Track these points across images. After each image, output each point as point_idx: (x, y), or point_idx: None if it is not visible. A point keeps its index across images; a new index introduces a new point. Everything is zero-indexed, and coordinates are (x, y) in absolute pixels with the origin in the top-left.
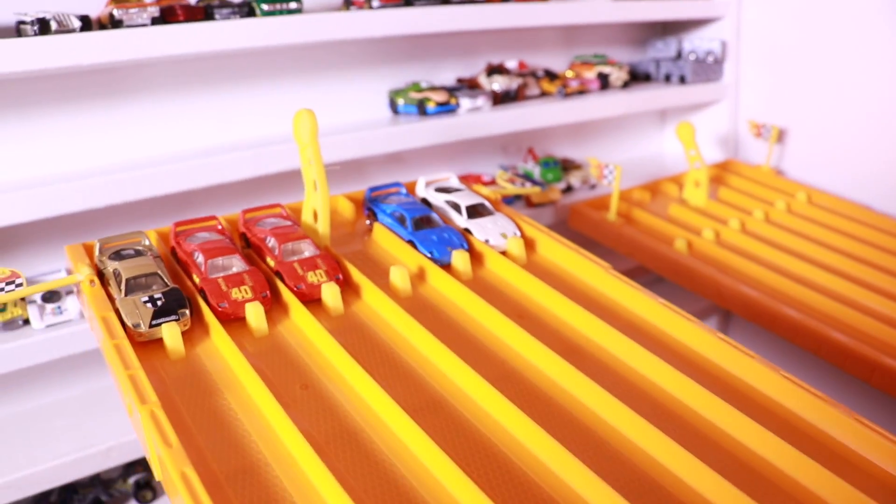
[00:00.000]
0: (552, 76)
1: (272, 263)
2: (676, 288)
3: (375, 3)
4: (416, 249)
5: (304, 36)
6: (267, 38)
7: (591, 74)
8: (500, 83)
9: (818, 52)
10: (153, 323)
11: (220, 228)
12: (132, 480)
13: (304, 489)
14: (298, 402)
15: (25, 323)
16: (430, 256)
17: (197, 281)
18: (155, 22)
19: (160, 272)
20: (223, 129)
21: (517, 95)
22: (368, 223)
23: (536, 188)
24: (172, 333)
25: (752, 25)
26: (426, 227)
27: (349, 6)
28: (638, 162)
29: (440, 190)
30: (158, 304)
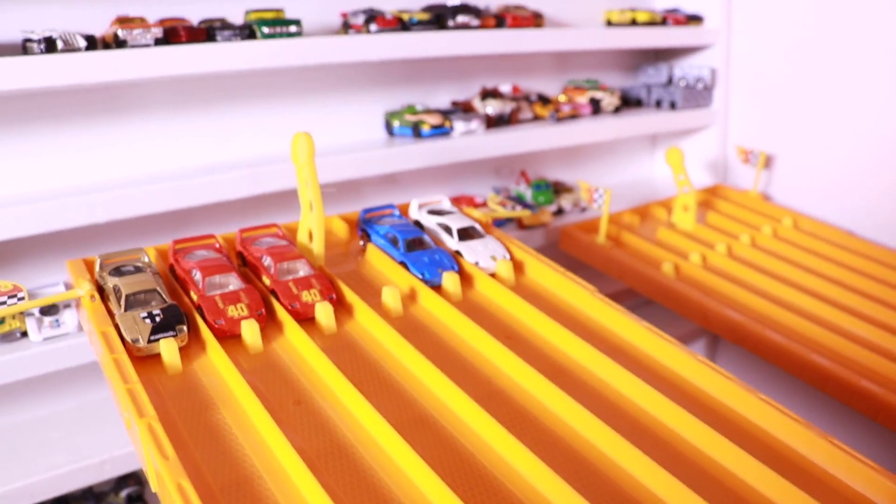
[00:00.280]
0: (545, 100)
1: (268, 282)
2: (665, 311)
3: (373, 27)
4: (407, 270)
5: (302, 58)
6: (267, 59)
7: (583, 99)
8: (493, 107)
9: (805, 80)
10: (151, 338)
11: (217, 247)
12: (124, 494)
13: (296, 503)
14: (291, 417)
15: (23, 335)
16: (421, 277)
17: (194, 298)
18: (158, 42)
19: (159, 289)
20: (222, 147)
21: (510, 119)
22: (362, 244)
23: (526, 211)
24: (170, 349)
25: (741, 54)
26: (418, 248)
27: (347, 30)
28: (628, 186)
29: (433, 212)
30: (157, 320)
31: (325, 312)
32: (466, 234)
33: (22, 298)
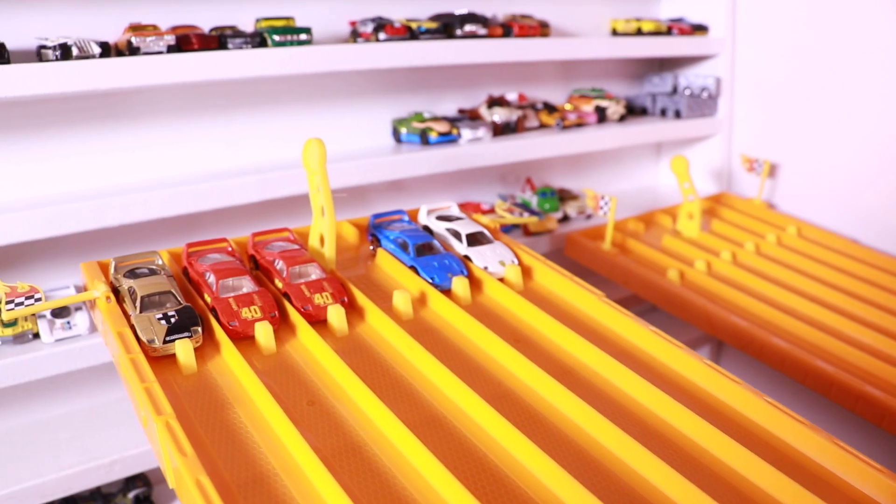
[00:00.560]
0: (551, 109)
1: (280, 285)
2: (669, 317)
3: (382, 36)
4: (417, 275)
5: (312, 66)
6: (277, 67)
7: (588, 108)
8: (500, 115)
9: (810, 89)
10: (167, 339)
11: (230, 250)
12: (132, 495)
13: (312, 500)
14: (306, 417)
15: (35, 337)
16: (431, 282)
17: (208, 300)
18: (171, 50)
19: (173, 291)
20: (233, 153)
21: (517, 127)
22: (372, 249)
23: (534, 218)
24: (185, 349)
25: (745, 63)
26: (428, 253)
27: (356, 38)
28: (633, 193)
29: (441, 218)
30: (172, 321)
31: (337, 315)
32: (475, 239)
33: (39, 300)
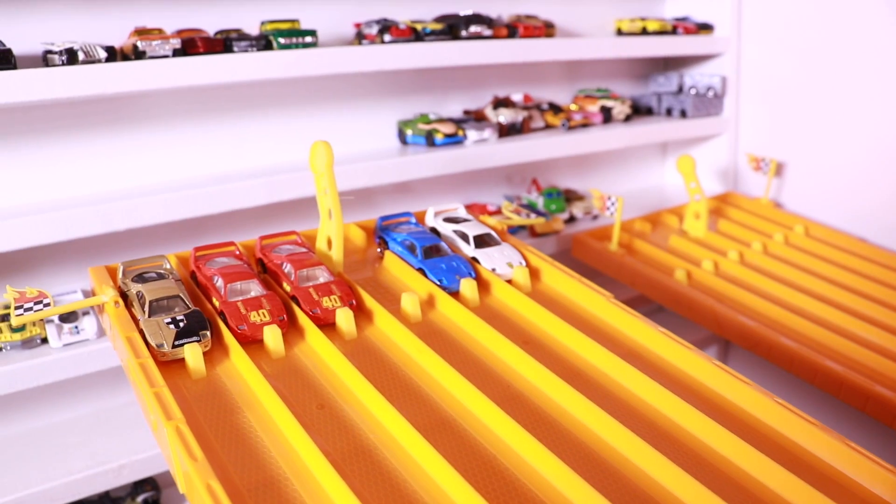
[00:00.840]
0: (556, 109)
1: (288, 288)
2: (677, 317)
3: (387, 37)
4: (425, 277)
5: (318, 69)
6: (283, 70)
7: (594, 108)
8: (505, 116)
9: (816, 88)
10: (176, 343)
11: (237, 254)
12: (140, 499)
13: (322, 503)
14: (315, 420)
15: (43, 342)
16: (439, 284)
17: (216, 304)
18: (176, 53)
19: (182, 295)
20: (239, 156)
21: (522, 128)
22: (379, 251)
23: (541, 219)
24: (194, 354)
25: (751, 62)
26: (435, 255)
27: (361, 40)
28: (639, 193)
29: (448, 220)
30: (181, 325)
31: (345, 318)
32: (483, 241)
33: (48, 305)
